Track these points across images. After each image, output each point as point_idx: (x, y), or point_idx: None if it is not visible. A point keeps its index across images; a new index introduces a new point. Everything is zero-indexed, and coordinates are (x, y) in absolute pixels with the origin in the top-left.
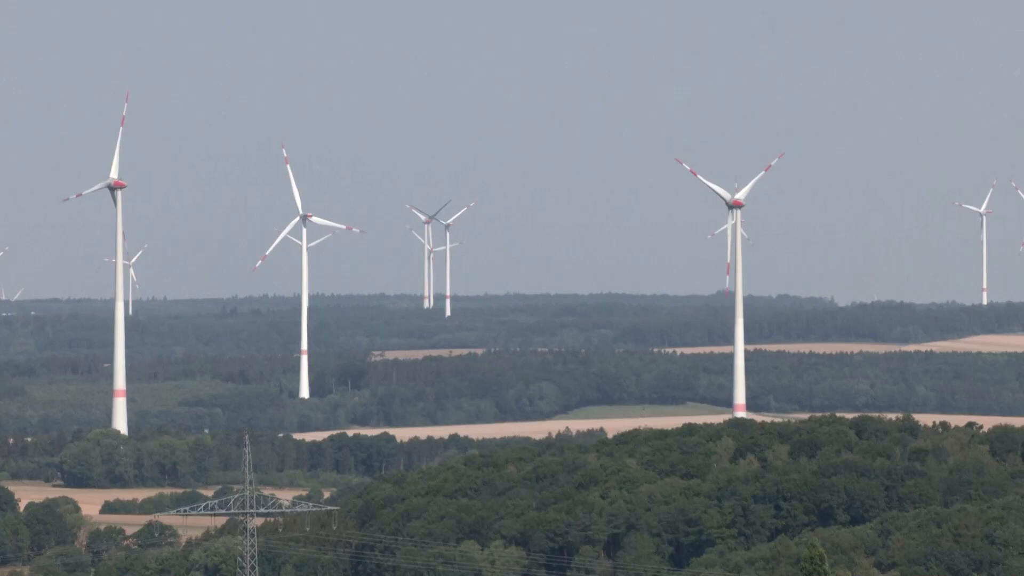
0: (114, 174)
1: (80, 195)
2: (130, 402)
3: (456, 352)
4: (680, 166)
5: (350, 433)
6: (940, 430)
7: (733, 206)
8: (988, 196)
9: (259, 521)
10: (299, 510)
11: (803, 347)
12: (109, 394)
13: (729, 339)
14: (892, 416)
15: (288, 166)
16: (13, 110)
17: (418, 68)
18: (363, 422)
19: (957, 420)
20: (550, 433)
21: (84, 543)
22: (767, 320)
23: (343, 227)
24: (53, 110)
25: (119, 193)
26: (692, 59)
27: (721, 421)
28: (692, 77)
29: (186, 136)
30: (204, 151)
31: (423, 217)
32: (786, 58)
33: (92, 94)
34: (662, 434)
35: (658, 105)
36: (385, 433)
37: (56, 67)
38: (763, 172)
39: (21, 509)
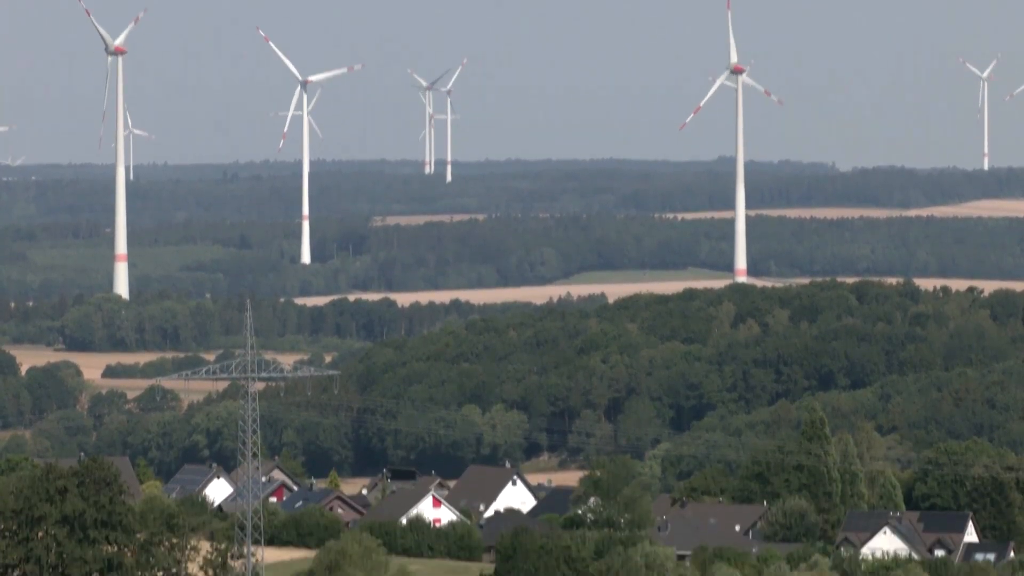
0: (118, 41)
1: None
2: (131, 267)
3: (457, 218)
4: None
5: (351, 298)
6: (941, 295)
7: (734, 72)
8: (992, 65)
9: (260, 386)
10: (300, 375)
11: (804, 212)
12: (110, 259)
13: (730, 204)
14: (893, 281)
15: (270, 43)
16: None
17: None
18: (364, 287)
19: (958, 285)
20: (551, 298)
21: (86, 407)
22: (768, 185)
23: (344, 70)
24: None
25: (120, 59)
26: None
27: (722, 286)
28: None
29: (187, 4)
30: (204, 18)
31: (424, 83)
32: None
33: None
34: (663, 299)
35: None
36: (386, 298)
37: None
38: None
39: (22, 373)
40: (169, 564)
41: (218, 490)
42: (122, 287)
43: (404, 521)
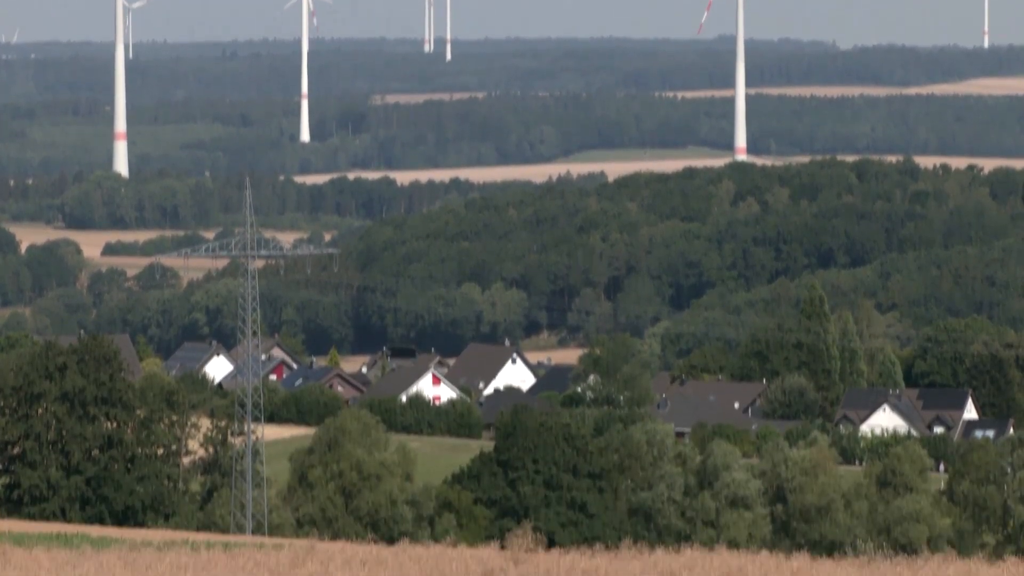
0: None
1: None
2: (131, 145)
3: (457, 96)
4: None
5: (351, 176)
6: (941, 173)
7: None
8: None
9: (260, 264)
10: (300, 253)
11: (804, 90)
12: (110, 137)
13: (730, 83)
14: (893, 159)
15: None
16: None
17: None
18: (364, 165)
19: (958, 163)
20: (551, 177)
21: (85, 284)
22: (768, 63)
23: None
24: None
25: None
26: None
27: (722, 164)
28: None
29: None
30: None
31: None
32: None
33: None
34: (663, 178)
35: None
36: (386, 177)
37: None
38: None
39: (22, 251)
40: (169, 441)
41: (218, 367)
42: (122, 165)
43: (404, 399)
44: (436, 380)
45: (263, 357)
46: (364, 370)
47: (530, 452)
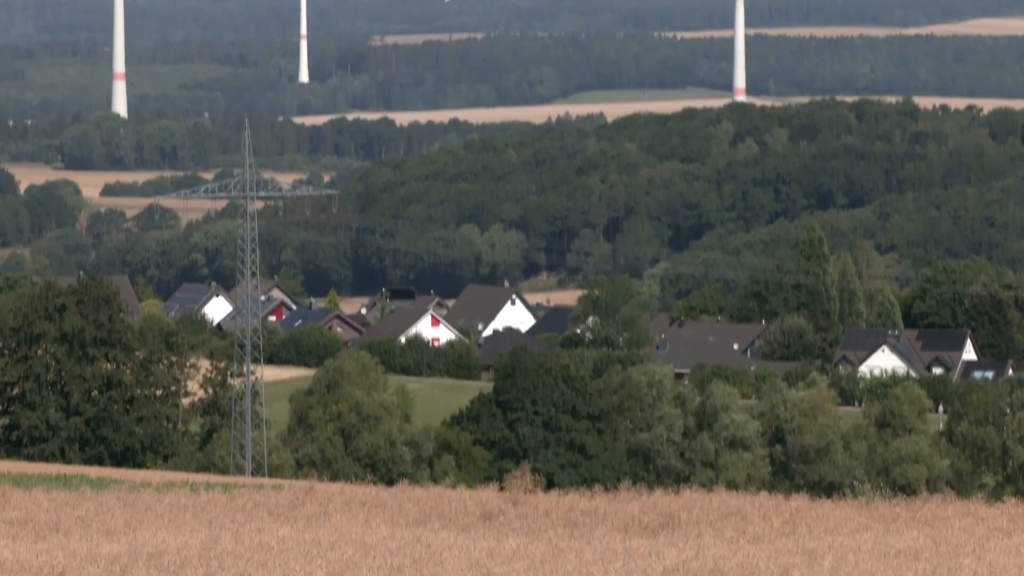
0: None
1: None
2: (130, 85)
3: (456, 37)
4: None
5: (350, 117)
6: (940, 113)
7: None
8: None
9: (259, 205)
10: (299, 194)
11: (804, 30)
12: (109, 77)
13: (729, 23)
14: (892, 100)
15: None
16: None
17: None
18: (363, 106)
19: (957, 103)
20: (549, 118)
21: (84, 225)
22: (768, 4)
23: None
24: None
25: None
26: None
27: (721, 105)
28: None
29: None
30: None
31: None
32: None
33: None
34: (662, 118)
35: None
36: (385, 117)
37: None
38: None
39: (21, 191)
40: (168, 382)
41: (217, 308)
42: (120, 106)
43: (403, 340)
44: (435, 321)
45: (262, 298)
46: (363, 311)
47: (529, 393)
